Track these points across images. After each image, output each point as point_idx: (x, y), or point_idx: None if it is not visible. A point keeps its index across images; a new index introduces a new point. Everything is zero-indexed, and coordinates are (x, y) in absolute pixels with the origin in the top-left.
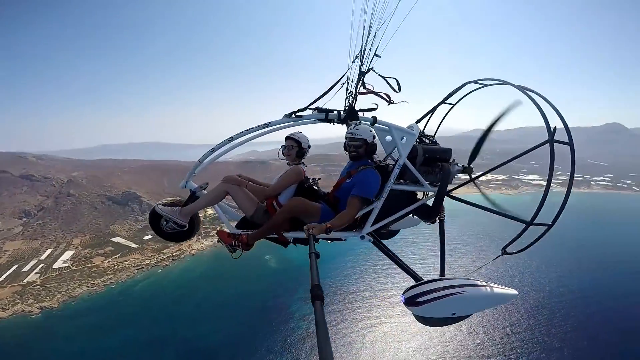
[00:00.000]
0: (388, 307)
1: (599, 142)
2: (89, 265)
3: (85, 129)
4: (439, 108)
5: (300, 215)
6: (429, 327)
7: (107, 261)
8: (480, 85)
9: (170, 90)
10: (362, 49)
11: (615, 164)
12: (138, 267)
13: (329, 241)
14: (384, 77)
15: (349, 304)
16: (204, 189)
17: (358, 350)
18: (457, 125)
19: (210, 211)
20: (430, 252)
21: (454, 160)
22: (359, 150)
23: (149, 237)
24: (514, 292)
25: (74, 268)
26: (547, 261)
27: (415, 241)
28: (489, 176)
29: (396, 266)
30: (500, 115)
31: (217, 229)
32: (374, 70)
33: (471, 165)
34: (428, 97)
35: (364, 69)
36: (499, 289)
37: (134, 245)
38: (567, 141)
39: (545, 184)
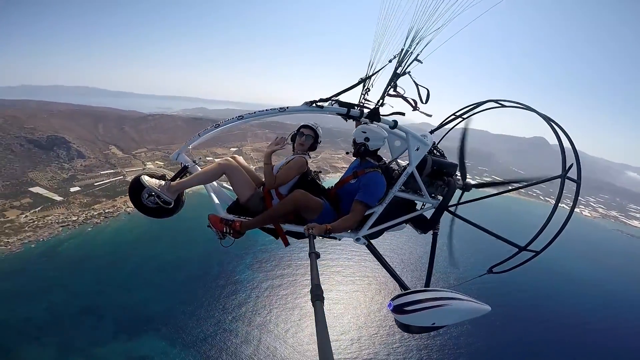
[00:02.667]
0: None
1: (523, 152)
2: (2, 219)
3: (4, 66)
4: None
5: (302, 210)
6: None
7: (24, 215)
8: (499, 105)
9: (115, 32)
10: (404, 51)
11: (532, 174)
12: (63, 224)
13: (320, 237)
14: (417, 85)
15: (296, 270)
16: (197, 164)
17: (302, 316)
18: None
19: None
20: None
21: (456, 175)
22: (359, 149)
23: (77, 189)
24: (488, 307)
25: None
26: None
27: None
28: (488, 177)
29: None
30: (463, 135)
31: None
32: (410, 75)
33: (467, 182)
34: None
35: (399, 71)
36: (476, 304)
37: (57, 198)
38: (577, 179)
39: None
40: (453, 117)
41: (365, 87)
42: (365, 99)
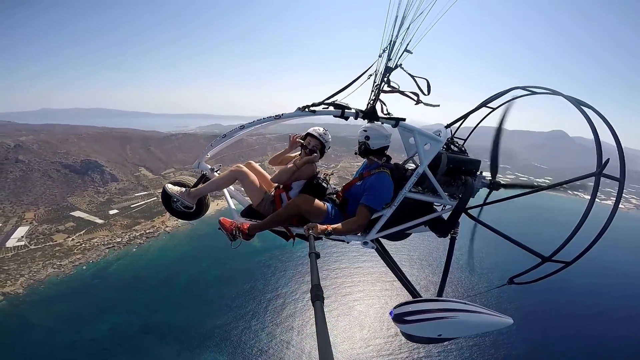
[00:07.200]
0: (369, 283)
1: (543, 147)
2: (50, 243)
3: (23, 91)
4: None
5: (305, 213)
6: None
7: (70, 239)
8: (529, 93)
9: (124, 51)
10: (392, 42)
11: (555, 168)
12: (109, 246)
13: (327, 238)
14: (412, 76)
15: (334, 280)
16: (216, 172)
17: (351, 323)
18: (419, 118)
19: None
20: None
21: (481, 173)
22: (360, 148)
23: (115, 211)
24: (509, 320)
25: (32, 247)
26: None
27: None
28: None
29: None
30: (502, 117)
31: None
32: (402, 68)
33: (497, 180)
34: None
35: (391, 64)
36: (493, 317)
37: (99, 221)
38: (617, 177)
39: None
40: (480, 108)
41: (376, 84)
42: (376, 97)
